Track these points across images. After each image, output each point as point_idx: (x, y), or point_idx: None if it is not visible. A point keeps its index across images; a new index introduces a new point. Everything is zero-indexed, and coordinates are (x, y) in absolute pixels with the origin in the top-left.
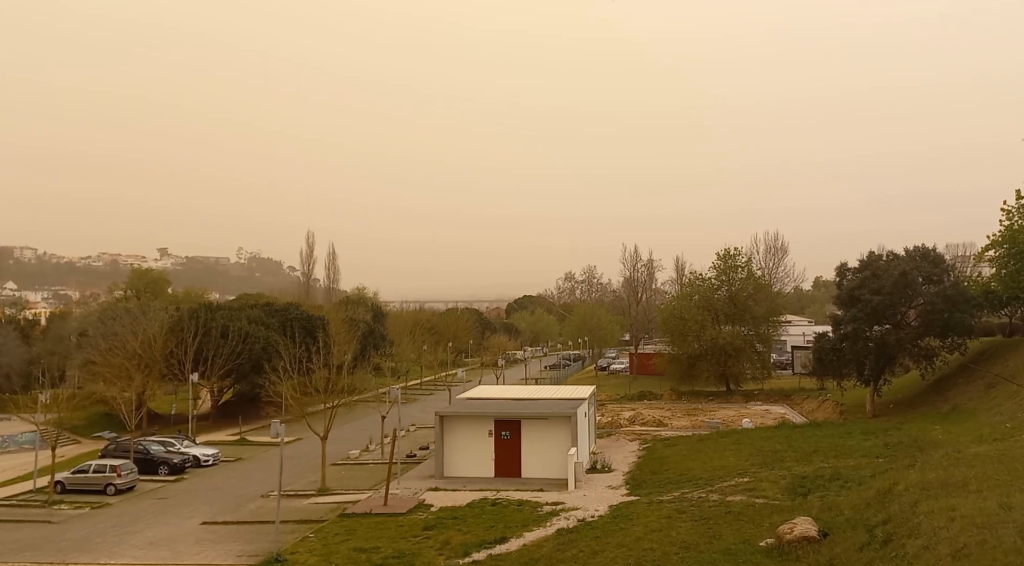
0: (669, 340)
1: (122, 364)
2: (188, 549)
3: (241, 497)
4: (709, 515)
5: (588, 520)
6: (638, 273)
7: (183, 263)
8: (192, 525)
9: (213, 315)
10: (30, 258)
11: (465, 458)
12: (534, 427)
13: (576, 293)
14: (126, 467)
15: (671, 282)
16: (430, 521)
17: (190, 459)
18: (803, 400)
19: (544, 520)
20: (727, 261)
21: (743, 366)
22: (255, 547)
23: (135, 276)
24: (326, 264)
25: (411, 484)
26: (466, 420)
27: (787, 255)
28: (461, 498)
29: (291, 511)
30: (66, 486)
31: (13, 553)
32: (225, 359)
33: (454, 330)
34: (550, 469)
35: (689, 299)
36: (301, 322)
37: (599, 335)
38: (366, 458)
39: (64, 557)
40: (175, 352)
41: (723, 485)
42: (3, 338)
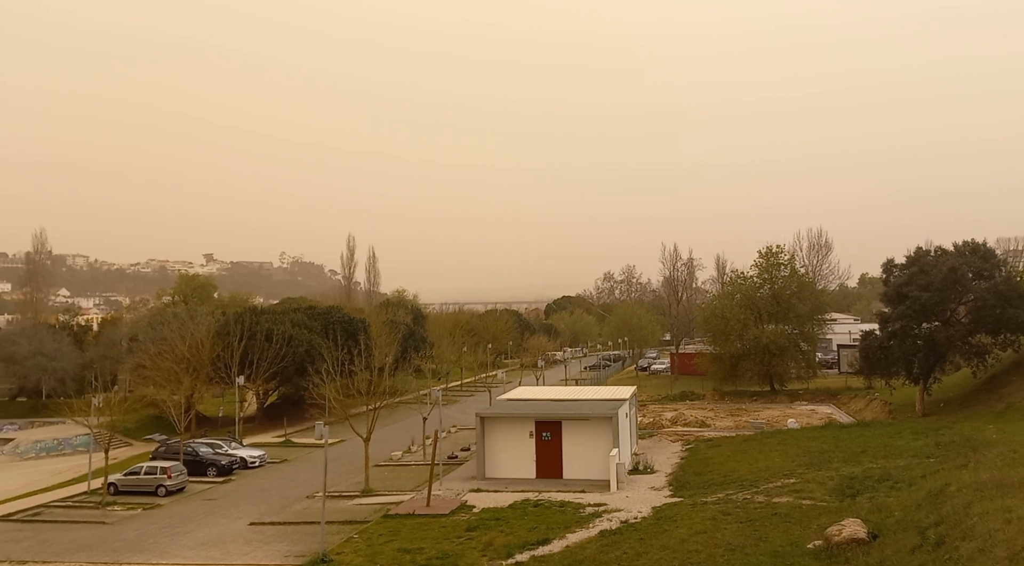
0: (711, 339)
1: (171, 368)
2: (237, 549)
3: (287, 498)
4: (755, 517)
5: (631, 522)
6: (678, 272)
7: (228, 268)
8: (240, 526)
9: (258, 319)
10: (82, 266)
11: (506, 459)
12: (575, 428)
13: (615, 293)
14: (176, 469)
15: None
16: (473, 522)
17: (237, 461)
18: (850, 399)
19: (587, 521)
20: (769, 259)
21: (787, 365)
22: (302, 547)
23: (182, 282)
24: (366, 267)
25: (453, 485)
26: (507, 421)
27: (831, 252)
28: (503, 499)
29: (336, 512)
30: (119, 487)
31: (70, 553)
32: (270, 362)
33: (493, 331)
34: (592, 470)
35: (731, 298)
36: (343, 325)
37: (639, 335)
38: (408, 459)
39: (118, 557)
40: (222, 355)
41: (769, 486)
42: (57, 343)
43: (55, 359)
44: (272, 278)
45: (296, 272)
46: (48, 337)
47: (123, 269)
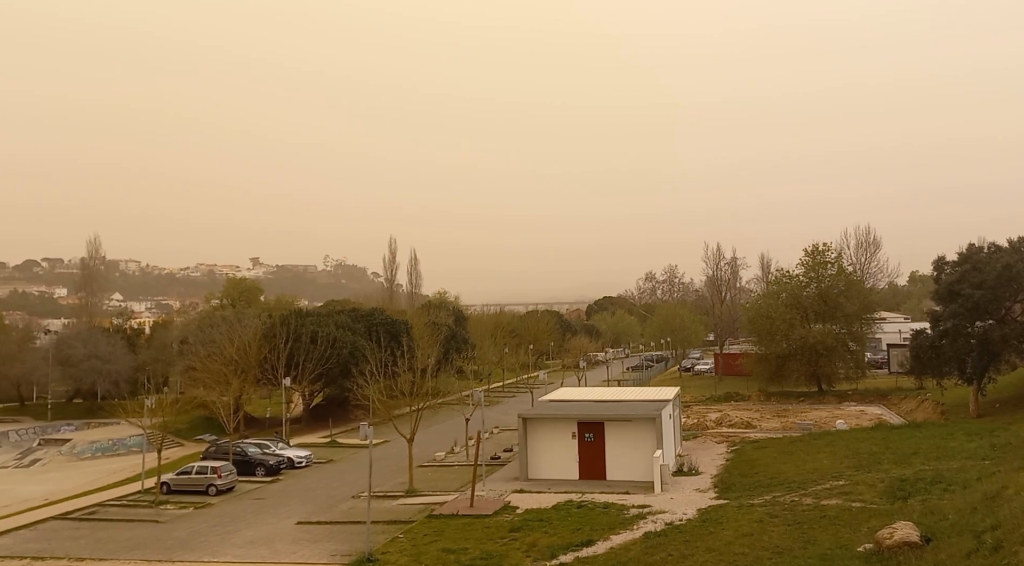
0: (756, 339)
1: (220, 369)
2: (285, 548)
3: (333, 498)
4: (803, 519)
5: (676, 523)
6: (721, 271)
7: (274, 272)
8: (288, 525)
9: (303, 321)
10: (134, 270)
11: (549, 460)
12: (618, 429)
13: (657, 293)
14: (226, 469)
15: (756, 280)
16: (516, 523)
17: (285, 461)
18: (901, 400)
19: (631, 523)
20: (815, 257)
21: (835, 365)
22: (348, 547)
23: (230, 285)
24: (408, 270)
25: (496, 486)
26: (549, 422)
27: (880, 249)
28: (546, 500)
29: (381, 512)
30: (171, 487)
31: (125, 550)
32: (315, 364)
33: (535, 332)
34: (635, 471)
35: (776, 297)
36: (386, 327)
37: (682, 335)
38: (451, 460)
39: (171, 555)
40: (268, 357)
41: (817, 488)
42: (111, 347)
43: (109, 362)
44: (316, 281)
45: (340, 275)
46: (103, 340)
47: (173, 273)
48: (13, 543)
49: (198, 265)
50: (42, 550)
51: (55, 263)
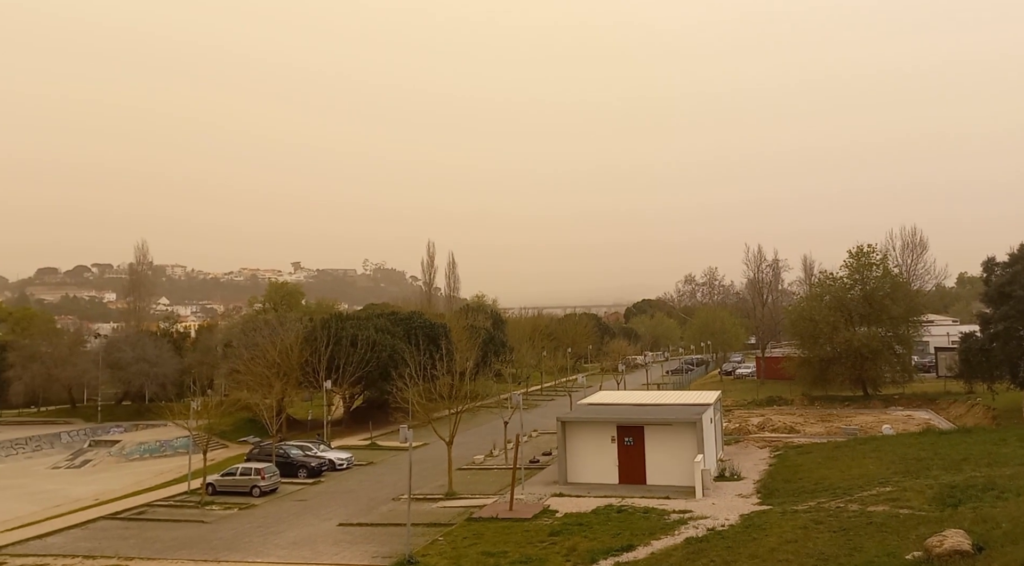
0: (799, 343)
1: (263, 372)
2: (327, 549)
3: (374, 500)
4: (848, 526)
5: (718, 529)
6: (762, 274)
7: (314, 276)
8: (330, 526)
9: (343, 325)
10: (180, 275)
11: (588, 464)
12: (658, 433)
13: (697, 296)
14: (269, 470)
15: (799, 282)
16: (556, 527)
17: (326, 463)
18: (949, 405)
19: (672, 528)
20: (860, 259)
21: (881, 369)
22: (388, 549)
23: (272, 289)
24: (446, 273)
25: (535, 489)
26: (588, 426)
27: (926, 251)
28: (585, 504)
29: (421, 514)
30: (216, 488)
31: (172, 550)
32: (355, 367)
33: (573, 335)
34: (676, 476)
35: (819, 300)
36: (424, 330)
37: (723, 338)
38: (490, 463)
39: (216, 555)
40: (310, 360)
41: (863, 494)
42: (158, 350)
43: (156, 365)
44: (356, 285)
45: (379, 279)
46: (150, 344)
47: (217, 278)
48: (65, 542)
49: (241, 269)
50: (93, 549)
51: (104, 268)
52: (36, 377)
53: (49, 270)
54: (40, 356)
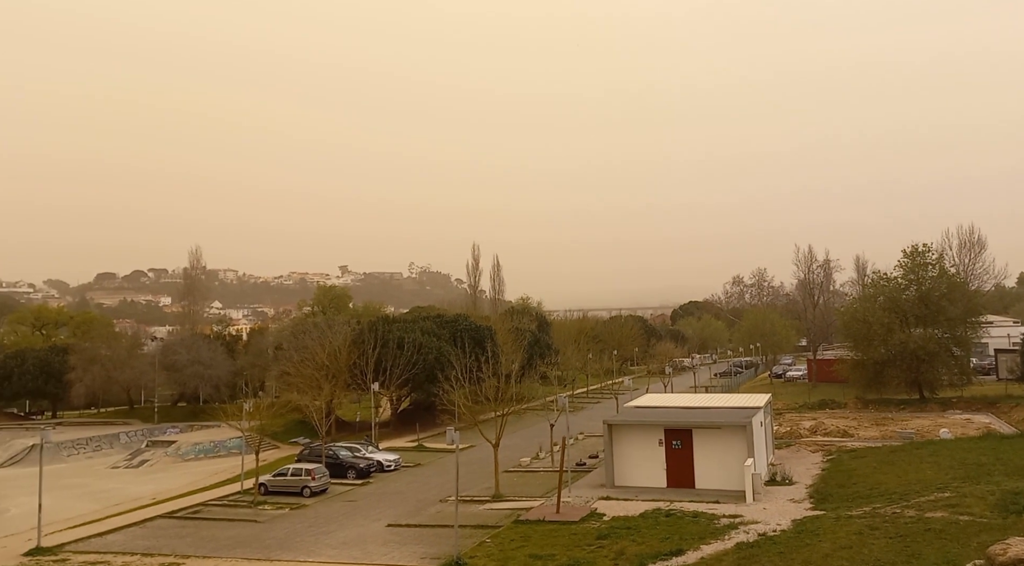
0: (851, 345)
1: (312, 374)
2: (376, 550)
3: (421, 501)
4: (905, 532)
5: (770, 534)
6: (813, 275)
7: (361, 279)
8: (379, 527)
9: (390, 328)
10: (232, 279)
11: (635, 467)
12: (707, 437)
13: (745, 297)
14: (319, 471)
15: (851, 283)
16: (603, 530)
17: (375, 464)
18: (1011, 408)
19: (722, 533)
20: (915, 259)
21: (938, 372)
22: (436, 550)
23: (320, 293)
24: (491, 276)
25: (582, 492)
26: (635, 429)
27: (985, 249)
28: (633, 508)
29: (468, 516)
30: (268, 488)
31: (227, 549)
32: (402, 369)
33: (618, 338)
34: (725, 480)
35: (873, 301)
36: (470, 333)
37: (772, 341)
38: (536, 465)
39: (269, 554)
40: (358, 363)
41: (920, 500)
42: (212, 352)
43: (210, 367)
44: (402, 288)
45: (424, 282)
46: (204, 346)
47: (268, 282)
48: (125, 540)
49: (290, 273)
50: (151, 547)
51: (160, 273)
52: (96, 379)
53: (108, 275)
54: (100, 359)
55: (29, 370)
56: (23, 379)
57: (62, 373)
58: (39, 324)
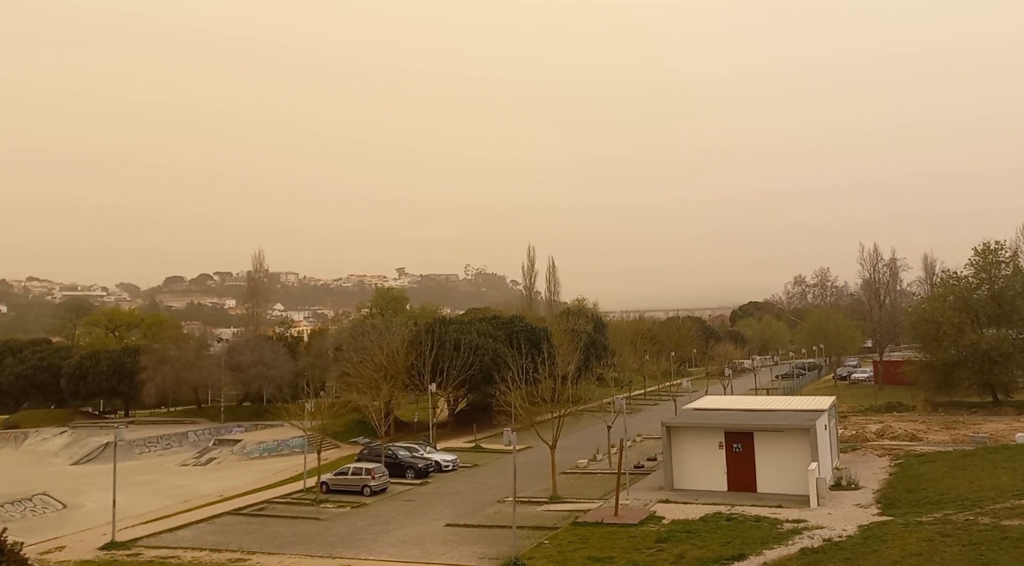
0: (920, 346)
1: (371, 375)
2: (435, 549)
3: (479, 502)
4: (979, 540)
5: (835, 540)
6: (879, 274)
7: (418, 281)
8: (438, 526)
9: (446, 329)
10: (293, 282)
11: (695, 470)
12: (768, 440)
13: (808, 297)
14: (379, 470)
15: (919, 282)
16: (663, 533)
17: (432, 464)
18: None
19: (785, 538)
20: (987, 257)
21: (1013, 373)
22: (495, 550)
23: (378, 295)
24: (547, 277)
25: (640, 495)
26: (694, 431)
27: None
28: (693, 511)
29: (526, 517)
30: (330, 486)
31: (291, 545)
32: (459, 370)
33: (676, 339)
34: (788, 484)
35: (942, 300)
36: (526, 334)
37: (836, 342)
38: (594, 467)
39: (331, 551)
40: (415, 364)
41: (995, 507)
42: (275, 353)
43: (273, 367)
44: (458, 289)
45: (479, 283)
46: (267, 348)
47: (327, 284)
48: (195, 535)
49: (349, 276)
50: (219, 543)
51: (225, 276)
52: (166, 379)
53: (176, 278)
54: (169, 360)
55: (103, 370)
56: (98, 379)
57: (134, 373)
58: (112, 326)
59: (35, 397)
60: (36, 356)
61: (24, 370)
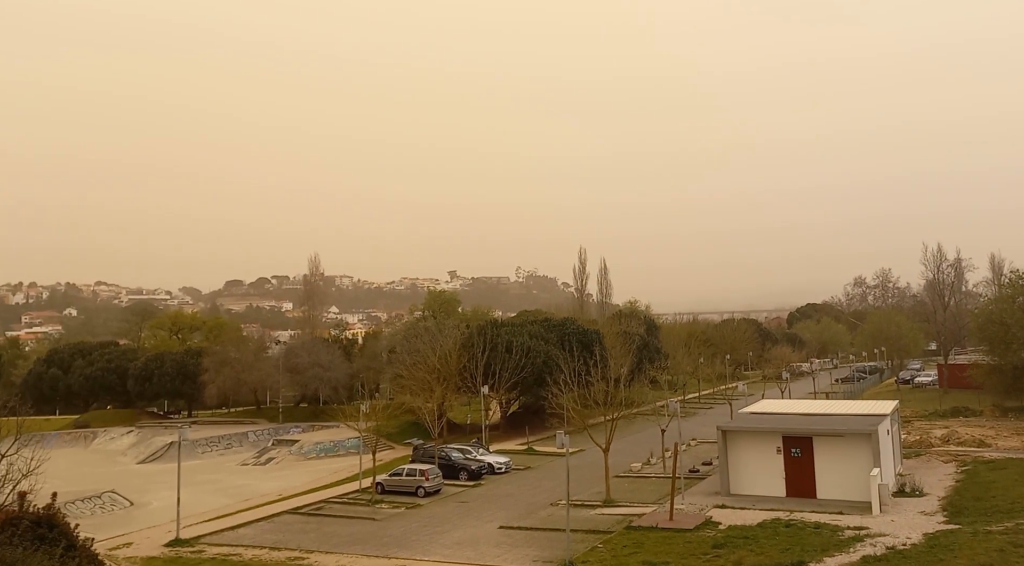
0: (987, 349)
1: (424, 377)
2: (489, 551)
3: (532, 504)
4: None
5: (899, 548)
6: (943, 275)
7: (469, 284)
8: (491, 528)
9: (498, 331)
10: (348, 285)
11: (752, 475)
12: (828, 445)
13: (868, 299)
14: (433, 472)
15: (985, 283)
16: (719, 539)
17: (485, 466)
18: None
19: (846, 545)
20: None
21: None
22: (548, 553)
23: (431, 297)
24: (598, 279)
25: (696, 500)
26: (751, 436)
27: None
28: (750, 517)
29: (579, 520)
30: (385, 487)
31: (347, 545)
32: (511, 372)
33: (731, 342)
34: (849, 490)
35: (1011, 301)
36: (578, 336)
37: (898, 344)
38: (648, 471)
39: (387, 551)
40: (467, 366)
41: None
42: (331, 356)
43: (329, 369)
44: (508, 292)
45: (531, 286)
46: (323, 350)
47: (381, 287)
48: (255, 534)
49: (402, 279)
50: (278, 541)
51: (282, 280)
52: (227, 380)
53: (235, 282)
54: (230, 361)
55: (167, 372)
56: (162, 380)
57: (196, 375)
58: (176, 329)
59: (103, 398)
60: (104, 358)
61: (93, 372)
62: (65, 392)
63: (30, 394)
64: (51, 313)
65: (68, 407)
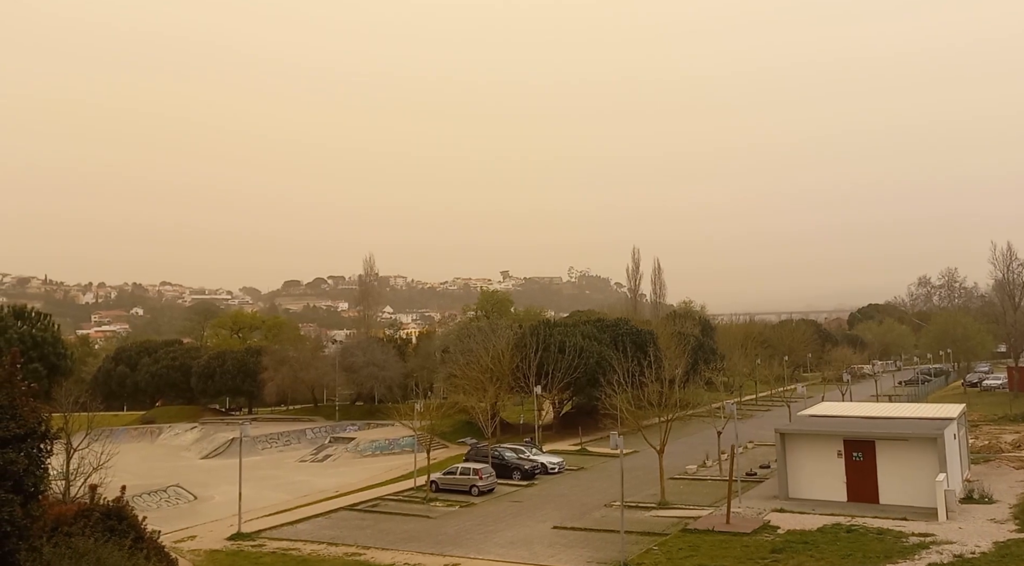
0: None
1: (477, 377)
2: (543, 551)
3: (585, 505)
4: None
5: (967, 557)
6: (1013, 274)
7: (522, 284)
8: (544, 528)
9: (551, 331)
10: (401, 286)
11: (811, 479)
12: (892, 449)
13: (933, 299)
14: (486, 471)
15: None
16: (778, 544)
17: (539, 466)
18: None
19: (911, 553)
20: None
21: None
22: (602, 555)
23: (483, 298)
24: (652, 279)
25: (753, 503)
26: (810, 439)
27: None
28: (810, 522)
29: (633, 522)
30: (439, 485)
31: (403, 542)
32: (563, 373)
33: (789, 343)
34: (913, 496)
35: None
36: (631, 337)
37: (965, 346)
38: (703, 474)
39: (441, 549)
40: (520, 366)
41: None
42: (385, 355)
43: (384, 368)
44: (561, 292)
45: (583, 286)
46: (378, 349)
47: (434, 287)
48: (312, 529)
49: (455, 279)
50: (335, 537)
51: (338, 280)
52: (285, 378)
53: (293, 282)
54: (288, 360)
55: (229, 370)
56: (224, 378)
57: (256, 373)
58: (236, 328)
59: (168, 394)
60: (169, 356)
61: (159, 369)
62: (132, 389)
63: (99, 391)
64: (119, 312)
65: (135, 403)
